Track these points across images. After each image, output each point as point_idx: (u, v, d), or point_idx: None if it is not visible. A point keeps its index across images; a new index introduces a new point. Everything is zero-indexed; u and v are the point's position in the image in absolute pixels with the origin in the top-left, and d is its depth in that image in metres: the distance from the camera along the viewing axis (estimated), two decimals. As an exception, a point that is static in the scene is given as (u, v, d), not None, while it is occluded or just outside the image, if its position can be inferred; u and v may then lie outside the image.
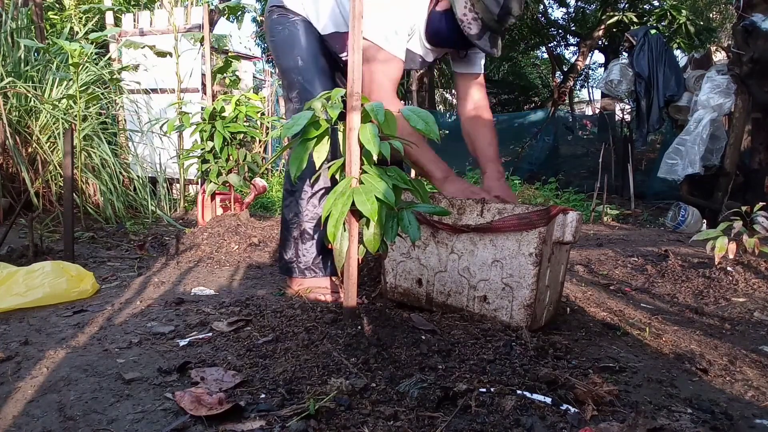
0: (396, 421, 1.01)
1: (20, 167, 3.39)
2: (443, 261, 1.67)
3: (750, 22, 4.50)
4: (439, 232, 1.67)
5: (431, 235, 1.69)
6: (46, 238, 2.83)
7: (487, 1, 1.65)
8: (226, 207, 3.17)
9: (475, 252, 1.60)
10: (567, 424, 1.03)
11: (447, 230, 1.64)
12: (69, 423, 1.01)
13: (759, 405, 1.21)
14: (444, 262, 1.67)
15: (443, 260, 1.67)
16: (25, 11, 4.02)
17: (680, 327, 1.74)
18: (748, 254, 2.44)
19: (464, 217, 1.63)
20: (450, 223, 1.64)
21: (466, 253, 1.62)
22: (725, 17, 11.06)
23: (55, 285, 1.84)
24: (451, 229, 1.62)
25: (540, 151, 9.68)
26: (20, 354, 1.35)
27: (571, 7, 13.49)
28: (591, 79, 18.22)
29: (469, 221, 1.61)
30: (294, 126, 1.34)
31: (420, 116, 1.33)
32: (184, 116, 3.05)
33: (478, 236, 1.59)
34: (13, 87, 3.54)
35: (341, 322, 1.44)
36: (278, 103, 7.63)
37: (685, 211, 4.96)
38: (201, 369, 1.23)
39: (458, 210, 1.65)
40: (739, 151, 4.97)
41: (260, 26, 9.38)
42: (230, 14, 4.56)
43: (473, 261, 1.60)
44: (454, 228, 1.61)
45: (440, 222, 1.65)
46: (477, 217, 1.60)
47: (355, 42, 1.31)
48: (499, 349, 1.36)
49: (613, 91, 6.28)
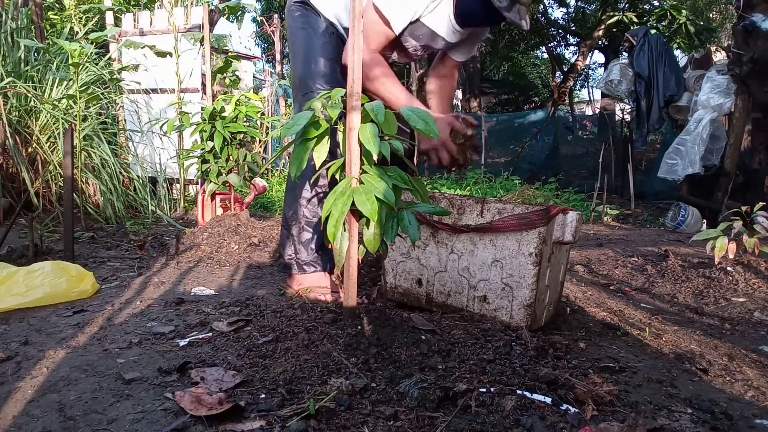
0: (396, 421, 1.01)
1: (20, 167, 3.39)
2: (443, 261, 1.67)
3: (750, 22, 4.50)
4: (439, 232, 1.67)
5: (431, 235, 1.69)
6: (46, 238, 2.83)
7: None
8: (226, 207, 3.17)
9: (475, 252, 1.60)
10: (567, 424, 1.03)
11: (447, 230, 1.64)
12: (69, 423, 1.01)
13: (759, 405, 1.21)
14: (444, 262, 1.67)
15: (443, 260, 1.67)
16: (25, 11, 4.02)
17: (680, 327, 1.74)
18: (748, 254, 2.44)
19: (464, 216, 1.63)
20: (450, 223, 1.64)
21: (466, 252, 1.62)
22: (725, 17, 11.06)
23: (55, 285, 1.84)
24: (451, 229, 1.62)
25: (540, 151, 9.67)
26: (20, 354, 1.35)
27: (571, 7, 13.51)
28: (591, 79, 18.23)
29: (469, 221, 1.61)
30: (294, 126, 1.35)
31: (420, 116, 1.33)
32: (184, 116, 3.05)
33: (478, 236, 1.59)
34: (13, 87, 3.54)
35: (341, 322, 1.44)
36: (278, 103, 7.63)
37: (685, 211, 4.96)
38: (201, 369, 1.23)
39: (458, 210, 1.65)
40: (739, 151, 4.97)
41: (260, 26, 9.37)
42: (230, 14, 4.56)
43: (473, 261, 1.60)
44: (454, 228, 1.61)
45: (440, 222, 1.65)
46: (477, 216, 1.61)
47: (356, 42, 1.31)
48: (499, 349, 1.36)
49: (613, 91, 6.28)
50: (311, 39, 1.92)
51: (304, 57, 1.92)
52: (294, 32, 1.97)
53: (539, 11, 11.60)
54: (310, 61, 1.91)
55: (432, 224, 1.66)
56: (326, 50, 1.92)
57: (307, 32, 1.93)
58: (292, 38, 1.99)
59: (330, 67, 1.90)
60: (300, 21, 1.94)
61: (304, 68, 1.92)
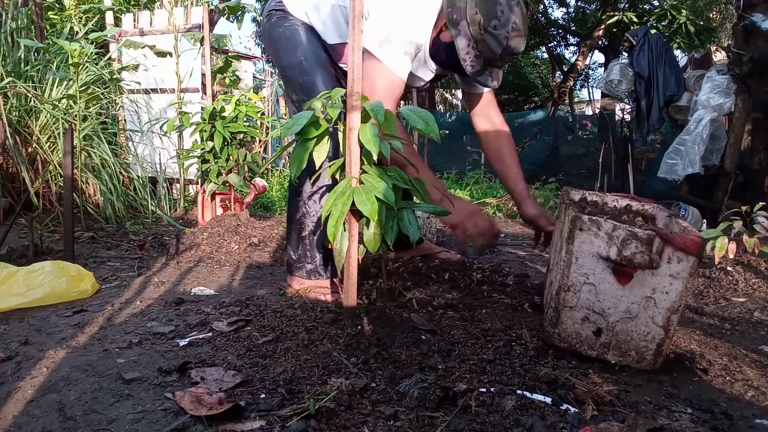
0: (396, 421, 1.01)
1: (20, 167, 3.39)
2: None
3: (750, 22, 4.50)
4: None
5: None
6: (46, 238, 2.83)
7: (489, 41, 1.63)
8: (226, 207, 3.17)
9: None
10: (567, 424, 1.03)
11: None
12: (69, 423, 1.01)
13: (759, 405, 1.21)
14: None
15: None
16: (25, 11, 4.02)
17: (680, 327, 1.74)
18: (748, 254, 2.43)
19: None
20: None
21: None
22: (725, 17, 11.06)
23: (55, 285, 1.84)
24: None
25: (540, 151, 9.66)
26: (20, 354, 1.35)
27: (571, 7, 13.49)
28: (591, 79, 18.21)
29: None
30: (294, 126, 1.35)
31: (420, 116, 1.33)
32: (184, 116, 3.05)
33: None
34: (13, 87, 3.54)
35: (341, 322, 1.44)
36: (278, 103, 7.62)
37: (685, 211, 4.96)
38: (201, 369, 1.23)
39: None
40: (739, 151, 4.96)
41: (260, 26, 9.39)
42: (230, 14, 4.56)
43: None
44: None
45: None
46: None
47: (355, 42, 1.31)
48: (499, 349, 1.36)
49: (613, 91, 6.27)
50: (294, 34, 1.87)
51: (289, 51, 1.87)
52: (273, 34, 1.91)
53: (539, 11, 11.59)
54: (293, 55, 1.86)
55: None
56: (307, 41, 1.86)
57: (287, 29, 1.88)
58: (272, 40, 1.93)
59: (314, 56, 1.85)
60: (279, 22, 1.90)
61: (290, 61, 1.87)
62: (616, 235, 1.28)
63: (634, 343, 1.32)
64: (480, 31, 1.62)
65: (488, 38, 1.63)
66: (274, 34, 1.93)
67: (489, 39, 1.63)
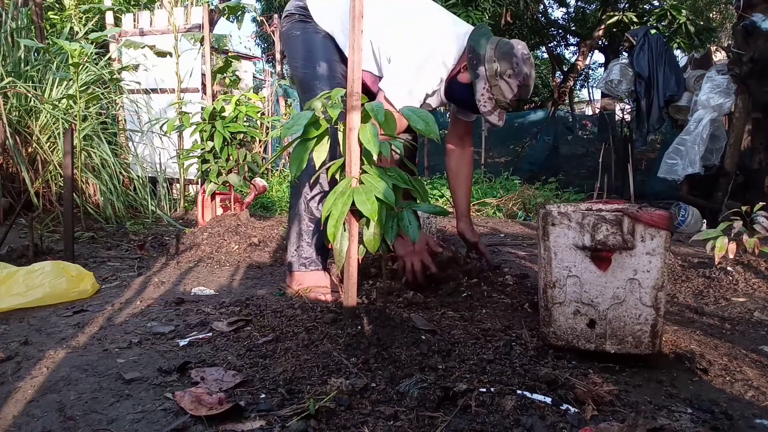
0: (396, 421, 1.01)
1: (20, 167, 3.39)
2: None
3: (750, 22, 4.50)
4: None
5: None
6: (46, 238, 2.83)
7: (503, 87, 1.85)
8: (226, 207, 3.17)
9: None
10: (567, 424, 1.03)
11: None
12: (69, 423, 1.01)
13: (759, 405, 1.21)
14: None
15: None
16: (25, 11, 4.02)
17: (680, 327, 1.74)
18: (748, 254, 2.43)
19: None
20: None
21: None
22: (725, 17, 11.06)
23: (55, 285, 1.84)
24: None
25: (540, 151, 9.65)
26: (20, 354, 1.35)
27: (571, 7, 13.50)
28: (591, 79, 18.21)
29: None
30: (294, 126, 1.35)
31: (420, 116, 1.33)
32: (184, 116, 3.05)
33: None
34: (13, 87, 3.54)
35: (341, 322, 1.44)
36: (278, 103, 7.62)
37: (685, 211, 4.95)
38: (201, 369, 1.23)
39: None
40: (739, 151, 4.96)
41: (260, 26, 9.38)
42: (230, 14, 4.56)
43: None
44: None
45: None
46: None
47: (356, 42, 1.31)
48: (499, 349, 1.36)
49: (613, 91, 6.27)
50: (314, 40, 1.95)
51: (308, 56, 1.94)
52: (292, 35, 1.99)
53: (539, 11, 11.59)
54: (311, 60, 1.93)
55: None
56: (327, 50, 1.94)
57: (308, 32, 1.96)
58: (291, 41, 2.00)
59: (333, 65, 1.93)
60: (301, 25, 1.97)
61: (307, 67, 1.94)
62: (587, 222, 1.33)
63: (628, 329, 1.34)
64: (496, 77, 1.84)
65: (503, 84, 1.85)
66: (292, 36, 1.99)
67: (503, 85, 1.85)
